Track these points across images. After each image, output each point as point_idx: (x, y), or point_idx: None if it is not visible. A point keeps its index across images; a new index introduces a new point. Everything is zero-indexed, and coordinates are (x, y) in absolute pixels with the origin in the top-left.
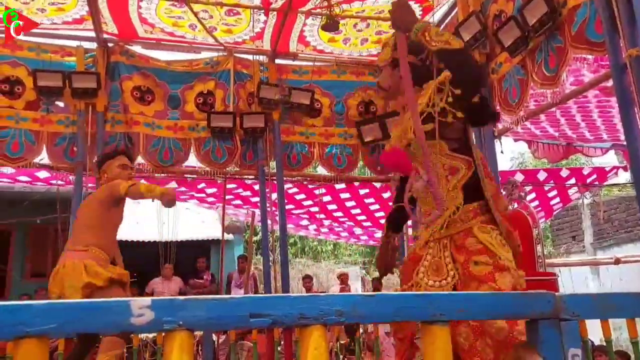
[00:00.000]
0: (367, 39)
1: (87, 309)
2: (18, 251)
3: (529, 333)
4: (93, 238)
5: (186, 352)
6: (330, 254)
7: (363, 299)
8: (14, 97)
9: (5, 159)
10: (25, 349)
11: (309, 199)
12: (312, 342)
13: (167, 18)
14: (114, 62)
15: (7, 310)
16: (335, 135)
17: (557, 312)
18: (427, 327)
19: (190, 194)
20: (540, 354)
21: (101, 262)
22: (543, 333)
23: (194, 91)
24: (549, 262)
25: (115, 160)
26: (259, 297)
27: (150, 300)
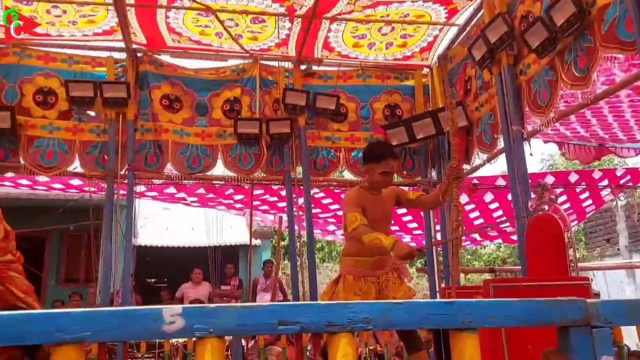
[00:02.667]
0: (392, 43)
1: (122, 317)
2: (52, 257)
3: (560, 340)
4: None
5: (217, 358)
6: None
7: (391, 307)
8: (47, 107)
9: (40, 168)
10: (62, 355)
11: (336, 203)
12: (340, 350)
13: (194, 27)
14: (143, 71)
15: (47, 317)
16: (361, 140)
17: (588, 319)
18: (457, 335)
19: (218, 200)
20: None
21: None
22: (574, 340)
23: (220, 98)
24: (582, 266)
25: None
26: (288, 305)
27: (181, 308)
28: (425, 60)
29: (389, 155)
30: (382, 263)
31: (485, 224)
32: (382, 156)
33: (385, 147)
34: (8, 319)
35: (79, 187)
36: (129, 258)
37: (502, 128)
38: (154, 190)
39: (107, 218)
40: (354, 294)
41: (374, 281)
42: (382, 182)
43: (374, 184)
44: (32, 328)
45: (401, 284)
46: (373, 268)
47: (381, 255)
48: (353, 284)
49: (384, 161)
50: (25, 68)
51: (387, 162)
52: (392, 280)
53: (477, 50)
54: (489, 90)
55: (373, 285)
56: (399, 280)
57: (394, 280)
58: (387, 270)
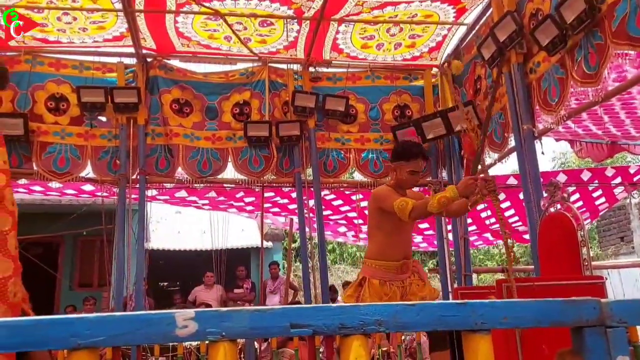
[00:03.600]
0: (400, 44)
1: (135, 322)
2: (66, 262)
3: (575, 341)
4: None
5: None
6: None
7: (403, 309)
8: (59, 114)
9: (53, 174)
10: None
11: (347, 205)
12: (353, 352)
13: (202, 31)
14: (153, 76)
15: (62, 322)
16: (371, 141)
17: (602, 319)
18: (470, 336)
19: (229, 203)
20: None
21: None
22: (588, 341)
23: (230, 102)
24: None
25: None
26: (300, 308)
27: (194, 312)
28: (434, 60)
29: (420, 155)
30: (407, 266)
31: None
32: (413, 156)
33: (417, 147)
34: (22, 324)
35: (91, 192)
36: (142, 262)
37: (512, 127)
38: (166, 194)
39: (119, 222)
40: (380, 299)
41: (399, 285)
42: (410, 181)
43: (401, 182)
44: (46, 333)
45: (424, 285)
46: (398, 272)
47: (406, 258)
48: (379, 289)
49: (414, 161)
50: (37, 75)
51: (417, 162)
52: (415, 283)
53: (486, 49)
54: (499, 89)
55: (398, 289)
56: (421, 282)
57: (417, 282)
58: (409, 273)
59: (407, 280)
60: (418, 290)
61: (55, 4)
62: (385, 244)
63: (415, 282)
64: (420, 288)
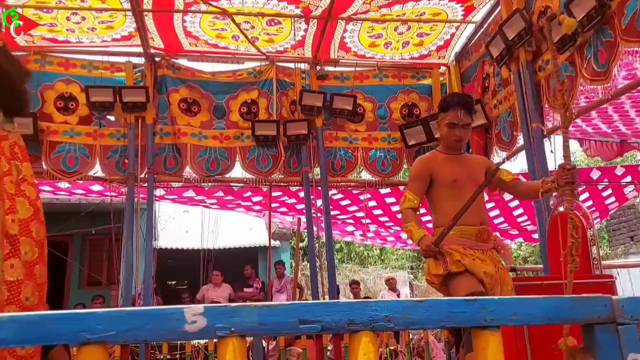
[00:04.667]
0: (408, 42)
1: (145, 317)
2: (75, 261)
3: (586, 338)
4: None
5: (239, 357)
6: (377, 259)
7: (412, 305)
8: (68, 113)
9: (61, 173)
10: (87, 355)
11: (354, 204)
12: (362, 348)
13: (210, 30)
14: (161, 75)
15: (72, 318)
16: (378, 140)
17: (614, 316)
18: (479, 333)
19: (237, 202)
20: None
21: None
22: (600, 338)
23: (238, 101)
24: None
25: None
26: (308, 304)
27: (203, 308)
28: (443, 58)
29: (457, 104)
30: (487, 235)
31: (505, 222)
32: (448, 105)
33: (455, 96)
34: (34, 319)
35: (100, 192)
36: (150, 261)
37: (521, 125)
38: (174, 193)
39: (128, 221)
40: (473, 260)
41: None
42: (449, 135)
43: (444, 139)
44: (57, 328)
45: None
46: (477, 239)
47: (483, 224)
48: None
49: (452, 110)
50: (46, 75)
51: (455, 112)
52: (504, 270)
53: (495, 47)
54: (508, 88)
55: (487, 258)
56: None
57: (504, 270)
58: (490, 245)
59: (487, 252)
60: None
61: (64, 3)
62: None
63: (504, 271)
64: (507, 275)
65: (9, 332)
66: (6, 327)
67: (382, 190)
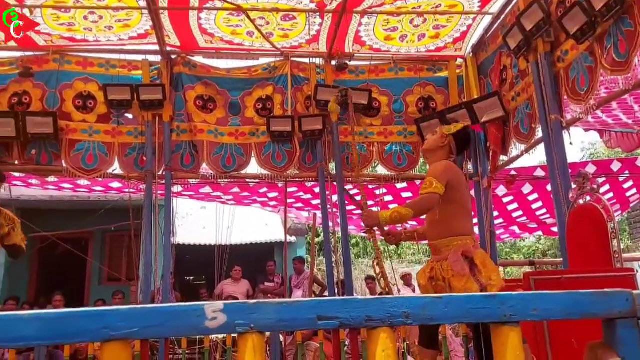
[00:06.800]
0: (424, 35)
1: (166, 314)
2: (95, 257)
3: (606, 333)
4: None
5: (259, 353)
6: (394, 253)
7: (431, 301)
8: (87, 112)
9: (81, 171)
10: (110, 351)
11: (370, 200)
12: (380, 344)
13: (225, 27)
14: (177, 73)
15: (95, 315)
16: (394, 134)
17: (635, 310)
18: (498, 329)
19: (253, 198)
20: (619, 355)
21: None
22: (621, 333)
23: (253, 97)
24: (627, 257)
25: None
26: (326, 300)
27: (223, 304)
28: (459, 50)
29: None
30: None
31: (524, 216)
32: (463, 148)
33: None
34: (56, 317)
35: (119, 189)
36: (169, 257)
37: (540, 117)
38: (191, 189)
39: (146, 218)
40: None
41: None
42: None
43: (447, 155)
44: (80, 325)
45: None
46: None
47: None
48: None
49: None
50: (65, 74)
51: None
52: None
53: (512, 38)
54: (526, 79)
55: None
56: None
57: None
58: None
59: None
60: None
61: (82, 3)
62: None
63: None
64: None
65: (35, 329)
66: (31, 325)
67: (398, 185)
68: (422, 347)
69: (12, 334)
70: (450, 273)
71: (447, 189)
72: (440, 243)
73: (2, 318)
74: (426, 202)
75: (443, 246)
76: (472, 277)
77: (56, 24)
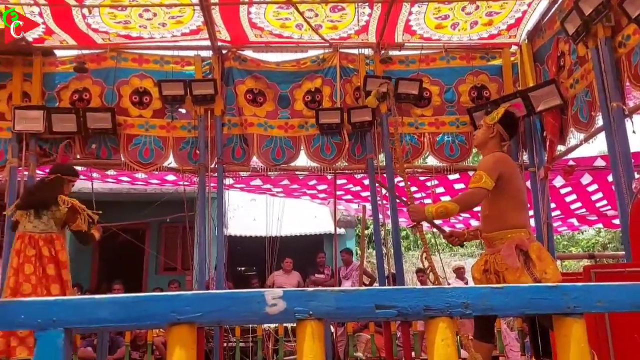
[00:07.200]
0: (477, 22)
1: (228, 299)
2: (152, 247)
3: None
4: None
5: (317, 340)
6: (445, 246)
7: (491, 291)
8: (143, 107)
9: (138, 164)
10: (177, 334)
11: (421, 191)
12: (439, 334)
13: (275, 20)
14: (228, 67)
15: (163, 299)
16: (446, 124)
17: None
18: (561, 320)
19: (302, 190)
20: None
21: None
22: None
23: (302, 90)
24: None
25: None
26: (385, 289)
27: (282, 292)
28: (513, 37)
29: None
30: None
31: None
32: (513, 133)
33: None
34: (127, 301)
35: (173, 182)
36: (222, 247)
37: (600, 105)
38: (242, 182)
39: (200, 210)
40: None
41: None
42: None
43: (498, 147)
44: (150, 309)
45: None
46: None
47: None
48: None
49: (510, 141)
50: (122, 70)
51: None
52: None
53: (571, 23)
54: (585, 66)
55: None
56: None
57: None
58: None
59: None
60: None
61: (137, 1)
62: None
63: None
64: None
65: (109, 312)
66: (106, 308)
67: (451, 177)
68: (478, 341)
69: (88, 316)
70: (504, 266)
71: (499, 181)
72: (494, 236)
73: (79, 301)
74: (473, 197)
75: (497, 239)
76: (526, 271)
77: (113, 22)
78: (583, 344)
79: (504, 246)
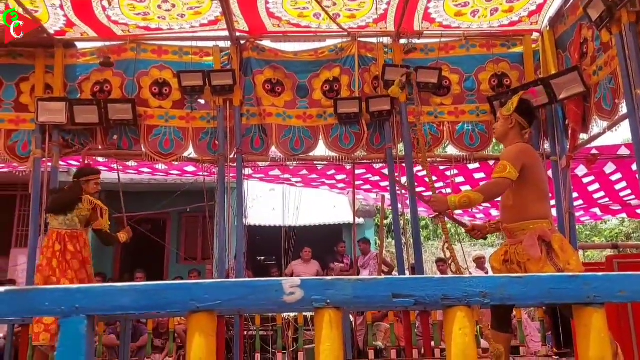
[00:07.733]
0: (497, 9)
1: (247, 287)
2: (173, 237)
3: None
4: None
5: (335, 328)
6: (465, 236)
7: (510, 281)
8: (162, 98)
9: (159, 155)
10: (197, 321)
11: (440, 181)
12: (457, 323)
13: (292, 10)
14: (246, 57)
15: (183, 287)
16: (466, 113)
17: None
18: (581, 310)
19: (321, 180)
20: None
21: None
22: None
23: (320, 79)
24: None
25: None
26: (403, 278)
27: (300, 280)
28: (535, 24)
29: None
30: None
31: (606, 197)
32: (531, 121)
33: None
34: (149, 289)
35: (193, 172)
36: (241, 237)
37: (624, 92)
38: (261, 172)
39: (220, 200)
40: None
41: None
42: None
43: (520, 137)
44: (171, 297)
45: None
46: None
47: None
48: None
49: (530, 128)
50: (141, 62)
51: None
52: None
53: (594, 9)
54: (609, 52)
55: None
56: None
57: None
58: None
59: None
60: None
61: None
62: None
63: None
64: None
65: (130, 299)
66: (127, 295)
67: (471, 166)
68: (495, 331)
69: (110, 304)
70: (526, 257)
71: (522, 172)
72: (515, 227)
73: (102, 289)
74: (498, 187)
75: (518, 230)
76: (549, 261)
77: (132, 13)
78: (603, 333)
79: (526, 237)
